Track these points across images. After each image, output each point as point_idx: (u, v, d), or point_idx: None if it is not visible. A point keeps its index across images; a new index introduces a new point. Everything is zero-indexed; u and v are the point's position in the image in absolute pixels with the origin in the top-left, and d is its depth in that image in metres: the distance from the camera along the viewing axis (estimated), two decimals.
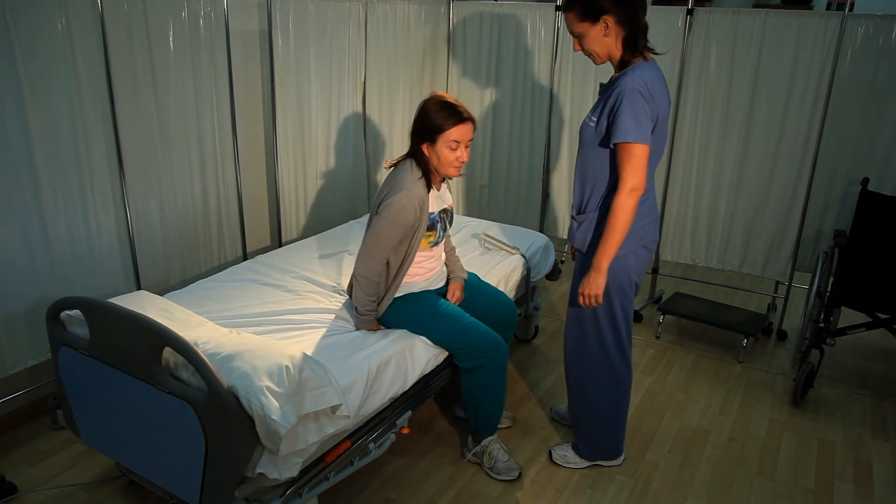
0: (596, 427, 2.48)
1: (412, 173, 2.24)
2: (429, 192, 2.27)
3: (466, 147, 2.23)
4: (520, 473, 2.46)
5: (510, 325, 2.60)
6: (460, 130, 2.18)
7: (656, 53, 2.13)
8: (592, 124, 2.13)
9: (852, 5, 3.18)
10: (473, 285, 2.58)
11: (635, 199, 2.02)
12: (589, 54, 2.12)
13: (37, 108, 2.35)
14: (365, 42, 3.62)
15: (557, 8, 3.72)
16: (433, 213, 2.32)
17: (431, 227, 2.32)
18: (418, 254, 2.34)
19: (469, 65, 4.14)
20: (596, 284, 2.12)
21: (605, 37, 2.04)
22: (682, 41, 3.49)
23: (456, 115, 2.18)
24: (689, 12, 3.43)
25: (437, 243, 2.38)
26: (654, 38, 3.51)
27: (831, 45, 3.19)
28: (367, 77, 3.70)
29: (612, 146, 2.05)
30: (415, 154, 2.26)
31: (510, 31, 3.96)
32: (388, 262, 2.29)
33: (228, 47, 2.96)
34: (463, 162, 2.23)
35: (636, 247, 2.21)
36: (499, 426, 2.72)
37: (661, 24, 3.52)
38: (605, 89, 2.14)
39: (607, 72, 3.69)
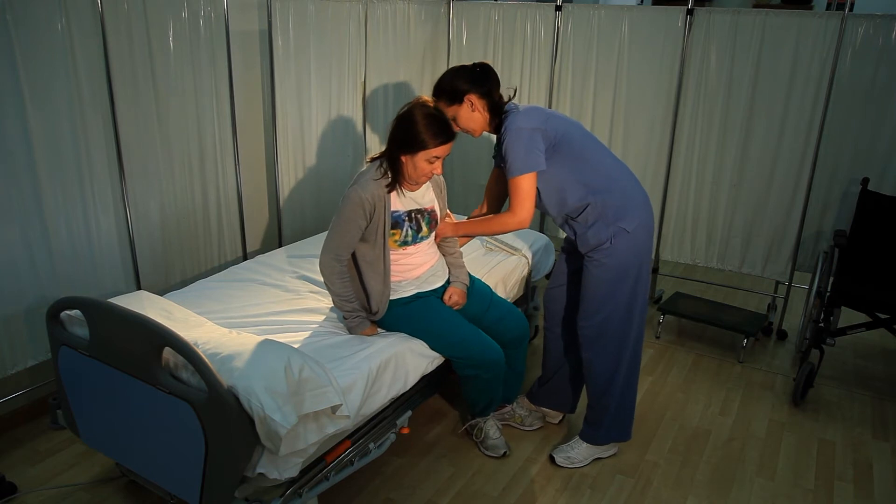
0: (602, 406, 2.49)
1: (372, 172, 2.22)
2: (391, 191, 2.23)
3: (441, 161, 2.22)
4: (505, 453, 2.57)
5: (521, 341, 2.56)
6: (443, 149, 2.17)
7: (511, 99, 2.34)
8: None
9: (852, 5, 3.18)
10: (485, 297, 2.54)
11: (518, 228, 2.28)
12: (465, 131, 2.34)
13: (37, 108, 2.35)
14: (365, 42, 3.62)
15: (557, 8, 3.72)
16: (398, 212, 2.27)
17: (395, 226, 2.27)
18: (392, 253, 2.31)
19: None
20: (444, 232, 2.45)
21: (473, 112, 2.28)
22: (682, 41, 3.49)
23: (444, 134, 2.14)
24: (689, 12, 3.43)
25: (406, 243, 2.31)
26: (654, 38, 3.55)
27: (831, 45, 3.19)
28: (367, 77, 3.70)
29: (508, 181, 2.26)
30: (390, 159, 2.21)
31: (510, 31, 3.96)
32: (360, 264, 2.30)
33: (228, 47, 2.96)
34: (436, 174, 2.26)
35: (640, 224, 2.32)
36: (530, 427, 2.75)
37: (661, 24, 3.52)
38: (500, 153, 2.29)
39: (608, 65, 3.70)
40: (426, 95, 2.25)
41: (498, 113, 2.30)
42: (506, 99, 2.33)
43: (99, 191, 2.60)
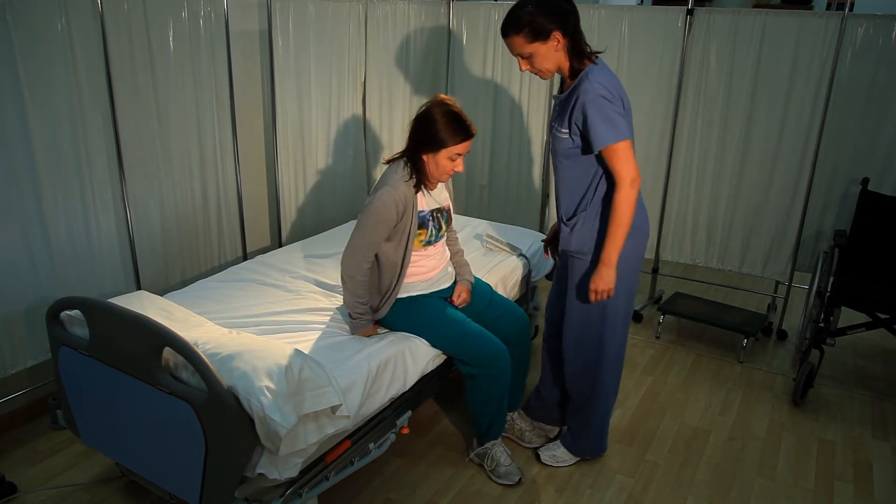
0: (594, 421, 2.48)
1: (400, 172, 2.23)
2: (417, 191, 2.26)
3: (462, 158, 2.24)
4: (520, 479, 2.45)
5: (522, 337, 2.55)
6: (465, 146, 2.19)
7: (599, 53, 2.17)
8: (564, 136, 2.16)
9: (852, 5, 3.18)
10: (485, 295, 2.55)
11: (636, 190, 2.09)
12: (537, 72, 2.15)
13: (37, 108, 2.35)
14: (365, 42, 3.62)
15: None
16: (423, 212, 2.29)
17: (422, 226, 2.29)
18: (413, 253, 2.32)
19: (469, 65, 4.14)
20: (609, 278, 2.16)
21: (556, 52, 2.09)
22: (682, 41, 3.49)
23: (463, 131, 2.16)
24: (689, 12, 3.43)
25: (430, 242, 2.34)
26: (654, 38, 3.55)
27: (831, 45, 3.19)
28: (367, 77, 3.70)
29: (595, 153, 2.11)
30: (412, 158, 2.24)
31: None
32: (380, 263, 2.29)
33: (228, 47, 2.96)
34: (457, 171, 2.25)
35: (637, 235, 2.25)
36: (529, 444, 2.64)
37: (661, 24, 3.52)
38: (564, 100, 2.16)
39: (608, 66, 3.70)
40: (427, 95, 2.25)
41: (580, 57, 2.11)
42: (594, 56, 2.14)
43: (99, 191, 2.60)
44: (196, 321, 2.10)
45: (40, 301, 2.48)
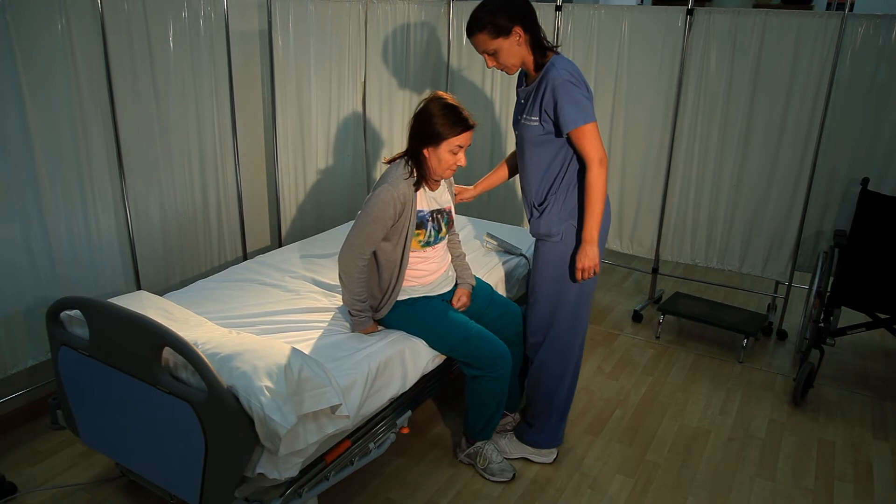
0: (552, 408, 2.49)
1: (400, 170, 2.23)
2: (417, 190, 2.24)
3: (464, 151, 2.23)
4: (514, 475, 2.46)
5: (521, 337, 2.55)
6: (465, 137, 2.18)
7: (557, 47, 2.30)
8: (534, 123, 2.24)
9: (852, 5, 3.17)
10: (485, 295, 2.54)
11: (605, 168, 2.19)
12: (503, 67, 2.26)
13: (37, 108, 2.35)
14: (365, 42, 3.62)
15: (557, 8, 3.72)
16: (422, 211, 2.28)
17: (420, 226, 2.28)
18: (412, 255, 2.31)
19: (469, 64, 4.14)
20: (593, 254, 2.25)
21: (519, 46, 2.20)
22: (682, 41, 3.49)
23: (461, 122, 2.16)
24: (689, 12, 3.43)
25: (428, 244, 2.32)
26: (654, 38, 3.55)
27: (831, 45, 3.19)
28: (367, 77, 3.70)
29: (565, 136, 2.20)
30: (413, 155, 2.23)
31: None
32: (379, 263, 2.28)
33: (228, 47, 2.96)
34: (460, 166, 2.24)
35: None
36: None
37: (661, 24, 3.52)
38: (531, 91, 2.25)
39: (608, 65, 3.70)
40: (428, 95, 2.24)
41: (541, 50, 2.23)
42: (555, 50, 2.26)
43: (99, 190, 2.60)
44: (196, 321, 2.09)
45: (40, 301, 2.48)
